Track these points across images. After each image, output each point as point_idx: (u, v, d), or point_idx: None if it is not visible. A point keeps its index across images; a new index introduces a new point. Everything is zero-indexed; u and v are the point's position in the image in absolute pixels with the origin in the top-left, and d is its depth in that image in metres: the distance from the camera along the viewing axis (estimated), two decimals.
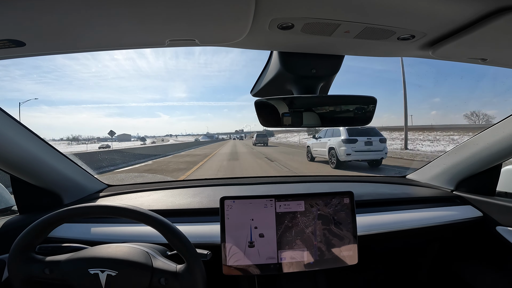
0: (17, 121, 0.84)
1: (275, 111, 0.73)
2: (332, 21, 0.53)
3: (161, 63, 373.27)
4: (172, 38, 0.58)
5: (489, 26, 0.51)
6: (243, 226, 0.85)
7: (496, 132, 1.02)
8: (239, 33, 0.57)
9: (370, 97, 0.74)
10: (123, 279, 0.65)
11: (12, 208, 1.06)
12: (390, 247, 1.27)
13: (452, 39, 0.59)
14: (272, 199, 0.87)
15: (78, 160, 1.12)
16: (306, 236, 0.86)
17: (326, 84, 0.81)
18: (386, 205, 1.14)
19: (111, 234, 0.92)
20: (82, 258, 0.67)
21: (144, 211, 0.67)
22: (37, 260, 0.68)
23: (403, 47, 0.67)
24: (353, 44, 0.66)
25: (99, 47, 0.62)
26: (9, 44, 0.55)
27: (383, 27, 0.56)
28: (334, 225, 0.87)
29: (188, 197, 1.15)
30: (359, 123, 0.77)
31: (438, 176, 1.31)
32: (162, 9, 0.46)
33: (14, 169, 0.90)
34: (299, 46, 0.68)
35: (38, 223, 0.67)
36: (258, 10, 0.48)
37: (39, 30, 0.51)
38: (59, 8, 0.45)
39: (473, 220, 1.11)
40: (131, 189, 1.25)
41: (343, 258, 0.86)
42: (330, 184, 1.41)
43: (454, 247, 1.26)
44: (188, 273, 0.65)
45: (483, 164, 1.12)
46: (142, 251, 0.70)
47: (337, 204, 0.89)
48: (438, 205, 1.16)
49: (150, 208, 0.74)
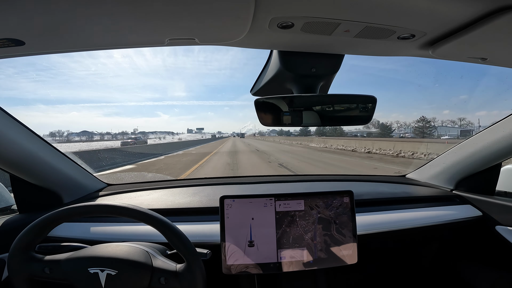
0: (17, 120, 0.84)
1: (275, 110, 0.73)
2: (332, 20, 0.53)
3: (159, 61, 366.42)
4: (171, 37, 0.58)
5: (489, 25, 0.51)
6: (242, 225, 0.85)
7: (496, 131, 1.02)
8: (239, 32, 0.56)
9: (370, 96, 0.74)
10: (123, 278, 0.65)
11: (12, 207, 1.05)
12: (389, 246, 1.27)
13: (452, 39, 0.59)
14: (272, 198, 0.87)
15: (78, 159, 1.12)
16: (305, 235, 0.86)
17: (326, 83, 0.81)
18: (386, 204, 1.14)
19: (111, 233, 0.92)
20: (82, 257, 0.67)
21: (144, 210, 0.67)
22: (37, 259, 0.68)
23: (403, 46, 0.67)
24: (353, 43, 0.66)
25: (99, 46, 0.62)
26: (9, 43, 0.55)
27: (383, 26, 0.56)
28: (336, 231, 0.87)
29: (188, 196, 1.15)
30: (359, 122, 0.77)
31: (438, 175, 1.31)
32: (162, 8, 0.46)
33: (14, 168, 0.90)
34: (299, 45, 0.68)
35: (38, 222, 0.67)
36: (258, 9, 0.48)
37: (38, 29, 0.51)
38: (58, 7, 0.44)
39: (472, 219, 1.11)
40: (130, 188, 1.25)
41: (342, 257, 0.87)
42: (330, 183, 1.41)
43: (453, 246, 1.26)
44: (188, 272, 0.65)
45: (483, 164, 1.12)
46: (142, 251, 0.70)
47: (338, 206, 0.89)
48: (437, 205, 1.17)
49: (150, 207, 0.74)
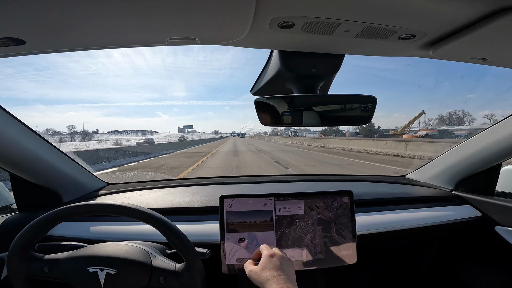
0: (17, 119, 0.84)
1: (275, 110, 0.73)
2: (333, 20, 0.53)
3: (159, 61, 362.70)
4: (172, 37, 0.58)
5: (489, 26, 0.51)
6: (242, 225, 0.85)
7: (496, 132, 1.02)
8: (240, 31, 0.56)
9: (370, 96, 0.74)
10: (122, 278, 0.65)
11: (12, 206, 1.06)
12: (389, 246, 1.27)
13: (452, 39, 0.59)
14: (272, 198, 0.86)
15: (78, 158, 1.12)
16: (305, 235, 0.86)
17: (326, 83, 0.81)
18: (386, 205, 1.14)
19: (110, 233, 0.92)
20: (81, 257, 0.67)
21: (143, 209, 0.67)
22: (36, 258, 0.68)
23: (403, 46, 0.67)
24: (354, 43, 0.66)
25: (99, 45, 0.62)
26: (9, 42, 0.54)
27: (383, 26, 0.56)
28: (336, 233, 0.87)
29: (187, 196, 1.15)
30: (359, 122, 0.77)
31: (438, 175, 1.31)
32: (163, 8, 0.46)
33: (14, 167, 0.90)
34: (299, 45, 0.68)
35: (37, 221, 0.67)
36: (259, 9, 0.48)
37: (39, 28, 0.51)
38: (59, 6, 0.44)
39: (472, 220, 1.11)
40: (130, 187, 1.25)
41: (342, 257, 0.87)
42: (330, 183, 1.41)
43: (453, 246, 1.26)
44: (187, 272, 0.65)
45: (483, 164, 1.12)
46: (142, 250, 0.70)
47: (338, 207, 0.88)
48: (437, 205, 1.17)
49: (149, 206, 0.74)
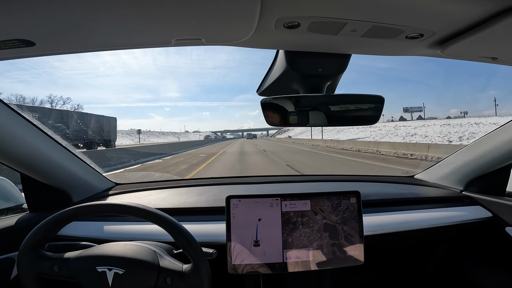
0: (27, 119, 0.85)
1: (281, 110, 0.73)
2: (339, 20, 0.53)
3: (150, 59, 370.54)
4: (178, 38, 0.58)
5: (499, 24, 0.50)
6: (248, 225, 0.85)
7: (507, 131, 0.99)
8: (245, 32, 0.57)
9: (378, 96, 0.73)
10: (130, 278, 0.66)
11: (23, 206, 1.08)
12: (396, 247, 1.26)
13: (461, 38, 0.58)
14: (278, 198, 0.86)
15: (87, 159, 1.14)
16: (311, 235, 0.86)
17: (332, 83, 0.81)
18: (394, 205, 1.12)
19: (119, 233, 0.93)
20: (90, 256, 0.68)
21: (151, 209, 0.68)
22: (46, 257, 0.69)
23: (411, 45, 0.66)
24: (360, 43, 0.65)
25: (107, 46, 0.63)
26: (19, 44, 0.55)
27: (390, 26, 0.55)
28: (345, 239, 0.87)
29: (194, 196, 1.15)
30: (366, 123, 0.76)
31: (447, 176, 1.29)
32: (170, 9, 0.47)
33: (24, 168, 0.92)
34: (305, 45, 0.67)
35: (47, 221, 0.68)
36: (264, 9, 0.48)
37: (48, 30, 0.52)
38: (68, 8, 0.45)
39: (482, 220, 1.09)
40: (138, 188, 1.27)
41: (349, 258, 0.86)
42: (337, 184, 1.40)
43: (462, 247, 1.24)
44: (194, 273, 0.66)
45: (493, 164, 1.10)
46: (149, 250, 0.70)
47: (344, 210, 0.88)
48: (447, 206, 1.15)
49: (157, 206, 0.74)
